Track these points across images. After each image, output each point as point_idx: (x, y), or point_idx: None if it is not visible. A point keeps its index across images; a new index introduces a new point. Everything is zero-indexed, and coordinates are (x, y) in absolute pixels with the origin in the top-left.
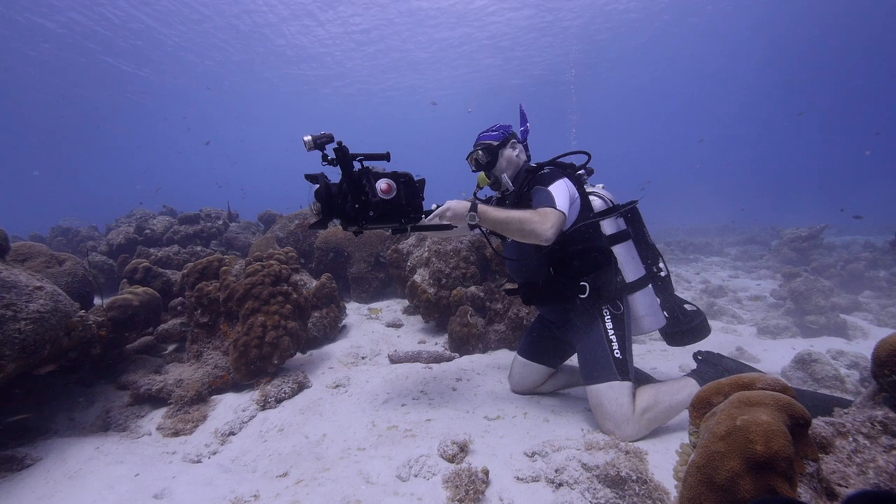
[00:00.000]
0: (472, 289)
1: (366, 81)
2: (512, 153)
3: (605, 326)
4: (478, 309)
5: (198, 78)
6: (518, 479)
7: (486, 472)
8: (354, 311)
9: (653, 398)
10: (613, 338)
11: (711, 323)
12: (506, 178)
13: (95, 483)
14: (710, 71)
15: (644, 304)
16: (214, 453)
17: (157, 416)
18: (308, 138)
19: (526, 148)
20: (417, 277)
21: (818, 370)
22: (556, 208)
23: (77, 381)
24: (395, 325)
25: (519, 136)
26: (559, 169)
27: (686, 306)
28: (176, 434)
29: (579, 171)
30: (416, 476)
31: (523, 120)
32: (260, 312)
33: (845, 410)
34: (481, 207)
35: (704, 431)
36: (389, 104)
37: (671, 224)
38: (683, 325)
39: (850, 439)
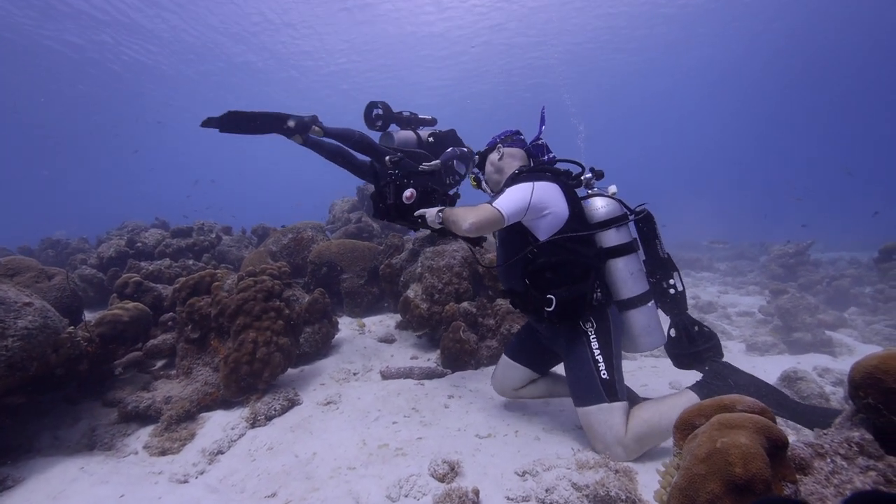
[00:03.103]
0: (465, 304)
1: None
2: (495, 158)
3: (589, 345)
4: (470, 325)
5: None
6: (509, 499)
7: (477, 493)
8: (347, 326)
9: (646, 422)
10: (599, 358)
11: None
12: (484, 182)
13: None
14: (706, 82)
15: (642, 321)
16: (202, 473)
17: (145, 434)
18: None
19: (530, 153)
20: (410, 293)
21: (804, 388)
22: (492, 205)
23: (62, 398)
24: (388, 340)
25: (518, 140)
26: (544, 174)
27: (698, 328)
28: (163, 453)
29: (586, 176)
30: (406, 496)
31: (541, 123)
32: (251, 328)
33: (824, 432)
34: (445, 210)
35: (686, 453)
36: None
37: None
38: (693, 348)
39: (828, 460)
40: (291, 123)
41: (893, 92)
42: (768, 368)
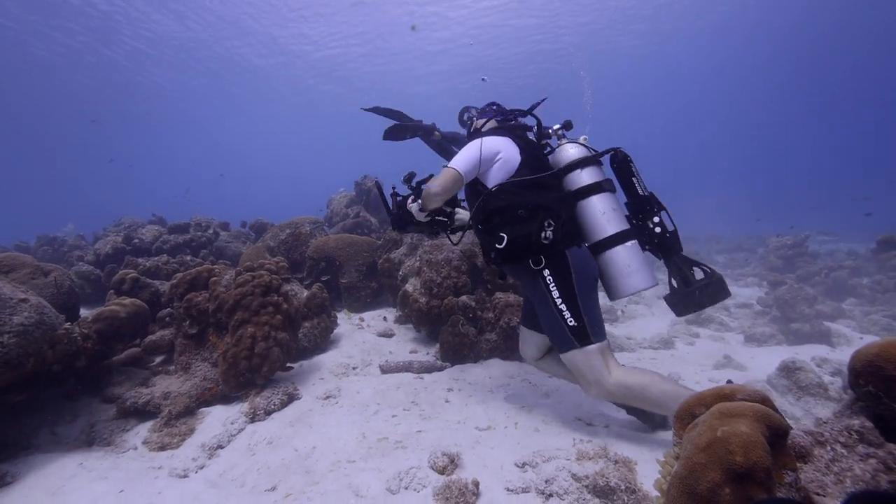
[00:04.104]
0: (464, 298)
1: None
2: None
3: (548, 289)
4: (469, 318)
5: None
6: (508, 490)
7: (477, 484)
8: (346, 321)
9: (639, 381)
10: (563, 306)
11: (700, 330)
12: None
13: (78, 500)
14: (705, 76)
15: (621, 261)
16: (202, 468)
17: (144, 429)
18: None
19: (503, 119)
20: (409, 287)
21: (802, 378)
22: (449, 166)
23: (61, 394)
24: (387, 334)
25: (489, 111)
26: (495, 131)
27: (697, 268)
28: (162, 448)
29: (554, 127)
30: (406, 489)
31: (534, 105)
32: (250, 323)
33: (824, 420)
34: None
35: (687, 442)
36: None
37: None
38: (688, 289)
39: (828, 448)
40: (438, 135)
41: None
42: (767, 359)
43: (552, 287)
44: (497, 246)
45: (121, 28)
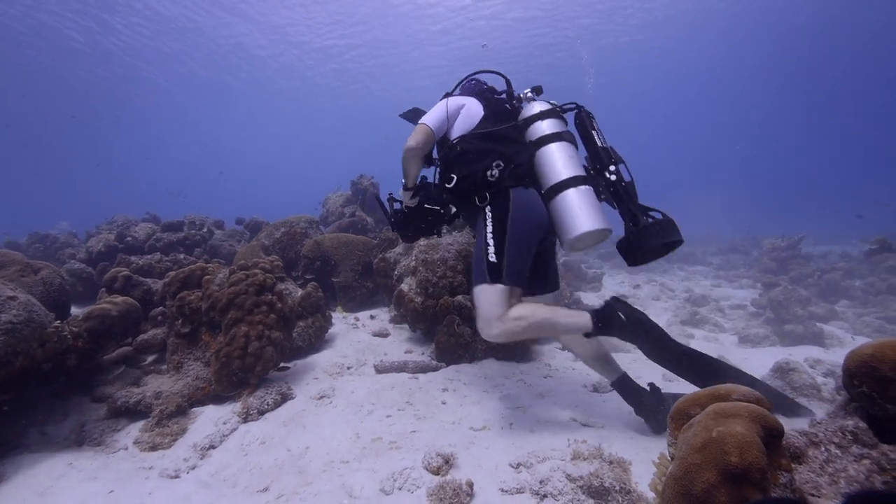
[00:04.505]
0: (460, 298)
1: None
2: None
3: (486, 224)
4: (465, 318)
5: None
6: (503, 490)
7: (471, 485)
8: (341, 321)
9: (532, 309)
10: (491, 241)
11: (694, 331)
12: None
13: (67, 501)
14: (704, 74)
15: (573, 202)
16: (193, 468)
17: (135, 429)
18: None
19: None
20: (404, 286)
21: (796, 379)
22: (419, 122)
23: (51, 393)
24: (382, 334)
25: (468, 86)
26: (462, 96)
27: (652, 213)
28: (153, 448)
29: (525, 92)
30: (400, 489)
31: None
32: (243, 322)
33: (818, 420)
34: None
35: (682, 443)
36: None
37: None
38: (639, 226)
39: (823, 449)
40: None
41: None
42: (761, 360)
43: (488, 222)
44: (447, 186)
45: (115, 21)
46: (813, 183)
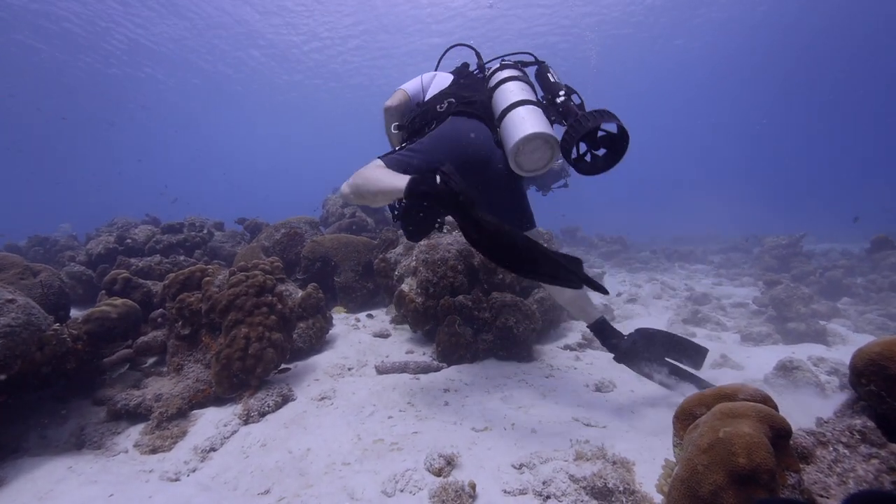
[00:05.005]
0: (460, 298)
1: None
2: None
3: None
4: (466, 318)
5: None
6: (505, 492)
7: (473, 486)
8: (342, 322)
9: (366, 171)
10: (408, 143)
11: (696, 330)
12: None
13: None
14: (703, 75)
15: (518, 115)
16: (194, 471)
17: (135, 432)
18: None
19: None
20: (405, 287)
21: (800, 377)
22: (398, 89)
23: (51, 396)
24: (383, 335)
25: (455, 70)
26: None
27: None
28: (154, 451)
29: (499, 63)
30: (401, 491)
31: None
32: (243, 324)
33: (826, 420)
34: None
35: (688, 444)
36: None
37: (655, 234)
38: (574, 118)
39: (831, 449)
40: None
41: None
42: (764, 358)
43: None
44: (406, 124)
45: (115, 24)
46: (813, 183)
